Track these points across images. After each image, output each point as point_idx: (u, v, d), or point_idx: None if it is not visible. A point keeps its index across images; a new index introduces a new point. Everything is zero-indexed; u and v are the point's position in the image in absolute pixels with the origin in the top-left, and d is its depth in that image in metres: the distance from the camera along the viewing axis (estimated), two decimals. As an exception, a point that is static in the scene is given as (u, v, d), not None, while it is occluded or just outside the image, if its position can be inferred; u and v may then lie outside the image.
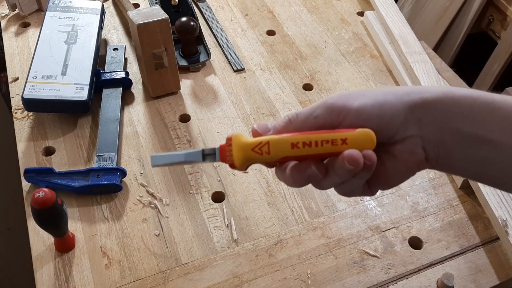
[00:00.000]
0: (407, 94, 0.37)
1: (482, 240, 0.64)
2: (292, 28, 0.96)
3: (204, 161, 0.39)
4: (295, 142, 0.37)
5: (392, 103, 0.37)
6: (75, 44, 0.80)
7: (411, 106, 0.37)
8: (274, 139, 0.37)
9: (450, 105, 0.37)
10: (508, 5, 1.33)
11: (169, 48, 0.76)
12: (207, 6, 1.00)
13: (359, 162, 0.35)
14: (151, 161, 0.39)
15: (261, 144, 0.37)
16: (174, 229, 0.64)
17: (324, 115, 0.37)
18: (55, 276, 0.58)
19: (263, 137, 0.37)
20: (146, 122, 0.77)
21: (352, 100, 0.37)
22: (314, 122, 0.38)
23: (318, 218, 0.66)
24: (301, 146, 0.37)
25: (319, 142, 0.36)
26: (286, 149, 0.37)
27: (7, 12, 0.94)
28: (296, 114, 0.39)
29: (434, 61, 0.87)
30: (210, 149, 0.39)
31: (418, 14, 1.54)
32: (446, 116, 0.37)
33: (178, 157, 0.39)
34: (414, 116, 0.37)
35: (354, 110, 0.37)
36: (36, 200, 0.53)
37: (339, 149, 0.36)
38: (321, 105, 0.38)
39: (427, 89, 0.38)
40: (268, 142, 0.37)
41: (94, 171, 0.67)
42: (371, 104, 0.37)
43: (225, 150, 0.38)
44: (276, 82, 0.85)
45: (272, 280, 0.59)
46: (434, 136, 0.37)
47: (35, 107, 0.73)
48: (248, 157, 0.37)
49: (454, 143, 0.37)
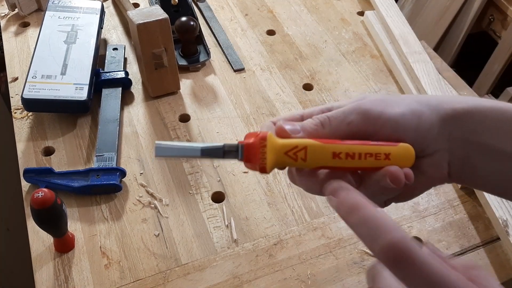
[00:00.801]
0: (439, 105, 0.36)
1: (483, 240, 0.64)
2: (292, 28, 0.96)
3: (223, 158, 0.34)
4: (337, 152, 0.33)
5: (428, 114, 0.35)
6: (75, 44, 0.79)
7: (444, 119, 0.35)
8: (313, 145, 0.33)
9: (479, 118, 0.35)
10: (509, 5, 1.33)
11: (169, 48, 0.76)
12: (207, 6, 1.00)
13: (401, 182, 0.33)
14: (155, 151, 0.33)
15: (297, 148, 0.33)
16: (174, 229, 0.63)
17: (359, 122, 0.34)
18: (54, 276, 0.58)
19: (298, 141, 0.33)
20: (146, 122, 0.77)
21: (389, 108, 0.35)
22: (347, 129, 0.34)
23: (318, 218, 0.66)
24: (344, 157, 0.33)
25: (363, 154, 0.33)
26: (326, 159, 0.33)
27: (7, 12, 0.94)
28: (328, 118, 0.35)
29: (435, 61, 0.87)
30: (232, 146, 0.34)
31: (418, 13, 1.54)
32: (475, 130, 0.35)
33: (192, 151, 0.34)
34: (445, 130, 0.35)
35: (392, 121, 0.34)
36: (35, 200, 0.53)
37: (380, 164, 0.33)
38: (355, 110, 0.35)
39: (456, 99, 0.36)
40: (306, 148, 0.33)
41: (94, 171, 0.67)
42: (409, 115, 0.35)
43: (255, 150, 0.33)
44: (276, 82, 0.85)
45: (272, 281, 0.59)
46: (461, 151, 0.36)
47: (35, 107, 0.73)
48: (280, 161, 0.33)
49: (481, 157, 0.35)
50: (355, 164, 0.33)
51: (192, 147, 0.34)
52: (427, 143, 0.35)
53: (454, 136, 0.35)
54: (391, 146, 0.34)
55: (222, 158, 0.34)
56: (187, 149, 0.34)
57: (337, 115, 0.35)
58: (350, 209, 0.30)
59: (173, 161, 0.71)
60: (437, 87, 0.80)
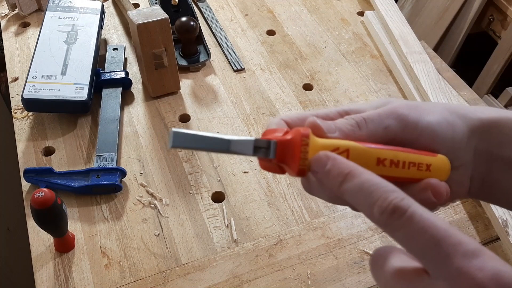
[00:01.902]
0: (466, 115, 0.33)
1: (483, 240, 0.64)
2: (292, 28, 0.96)
3: (253, 155, 0.29)
4: (382, 158, 0.29)
5: (460, 125, 0.33)
6: (75, 44, 0.79)
7: (472, 130, 0.33)
8: (357, 148, 0.29)
9: (505, 130, 0.33)
10: (508, 5, 1.33)
11: (169, 48, 0.76)
12: (207, 6, 1.00)
13: (443, 197, 0.30)
14: (171, 139, 0.27)
15: (338, 150, 0.29)
16: (174, 229, 0.63)
17: (397, 128, 0.31)
18: (54, 276, 0.58)
19: (340, 142, 0.29)
20: (146, 122, 0.77)
21: (424, 115, 0.32)
22: (384, 133, 0.31)
23: (318, 218, 0.66)
24: (388, 165, 0.29)
25: (407, 163, 0.30)
26: (369, 165, 0.29)
27: (7, 12, 0.94)
28: (364, 119, 0.32)
29: (434, 61, 0.87)
30: (264, 142, 0.29)
31: (418, 14, 1.54)
32: (501, 143, 0.33)
33: (218, 144, 0.28)
34: (472, 142, 0.33)
35: (429, 129, 0.32)
36: (35, 200, 0.53)
37: (421, 175, 0.30)
38: (392, 114, 0.32)
39: (479, 110, 0.34)
40: (348, 151, 0.29)
41: (94, 171, 0.67)
42: (445, 124, 0.32)
43: (294, 149, 0.29)
44: (276, 82, 0.85)
45: (272, 280, 0.59)
46: (484, 166, 0.33)
47: (35, 107, 0.73)
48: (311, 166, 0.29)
49: (503, 172, 0.33)
50: (397, 174, 0.30)
51: (218, 139, 0.28)
52: (456, 156, 0.33)
53: (479, 150, 0.33)
54: (431, 156, 0.31)
55: (252, 155, 0.29)
56: (212, 141, 0.28)
57: (372, 116, 0.32)
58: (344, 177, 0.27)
59: (173, 161, 0.71)
60: (436, 87, 0.80)
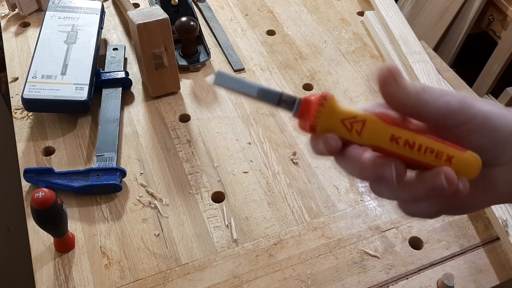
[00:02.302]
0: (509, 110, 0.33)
1: (483, 240, 0.64)
2: (292, 28, 0.96)
3: (277, 106, 0.32)
4: (397, 136, 0.31)
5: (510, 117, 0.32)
6: (75, 44, 0.79)
7: None
8: (373, 120, 0.31)
9: None
10: (508, 5, 1.33)
11: (169, 48, 0.76)
12: (207, 6, 1.00)
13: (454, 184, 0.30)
14: (215, 78, 0.32)
15: (355, 119, 0.31)
16: (174, 229, 0.63)
17: (456, 104, 0.31)
18: (54, 276, 0.58)
19: (359, 112, 0.31)
20: (146, 122, 0.77)
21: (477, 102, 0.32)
22: (444, 105, 0.31)
23: (318, 218, 0.66)
24: (401, 144, 0.31)
25: (423, 148, 0.31)
26: (382, 139, 0.31)
27: (7, 12, 0.94)
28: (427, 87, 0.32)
29: (434, 61, 0.87)
30: (290, 97, 0.32)
31: (418, 14, 1.54)
32: None
33: (249, 89, 0.32)
34: None
35: (482, 113, 0.31)
36: (35, 200, 0.53)
37: (438, 164, 0.31)
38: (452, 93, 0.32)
39: None
40: (365, 121, 0.31)
41: (94, 171, 0.67)
42: (498, 113, 0.32)
43: (311, 107, 0.31)
44: (276, 82, 0.85)
45: (272, 281, 0.59)
46: None
47: (35, 107, 0.73)
48: (333, 127, 0.31)
49: None
50: (411, 155, 0.31)
51: (250, 85, 0.32)
52: (503, 151, 0.32)
53: None
54: (457, 150, 0.31)
55: (276, 105, 0.32)
56: (245, 85, 0.32)
57: (435, 88, 0.32)
58: None
59: (173, 161, 0.71)
60: (437, 87, 0.80)
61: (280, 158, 0.72)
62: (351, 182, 0.70)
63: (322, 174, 0.71)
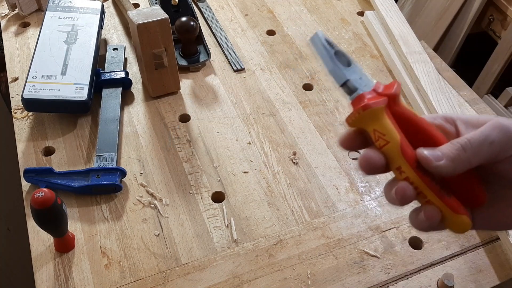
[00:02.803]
0: None
1: (483, 240, 0.64)
2: (292, 28, 0.96)
3: (340, 87, 0.37)
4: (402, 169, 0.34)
5: None
6: (75, 44, 0.79)
7: None
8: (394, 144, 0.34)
9: None
10: (508, 5, 1.33)
11: (169, 48, 0.76)
12: (207, 6, 1.00)
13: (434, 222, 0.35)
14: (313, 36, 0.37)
15: (383, 136, 0.34)
16: (174, 229, 0.63)
17: (501, 140, 0.34)
18: (54, 276, 0.58)
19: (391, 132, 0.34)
20: (146, 122, 0.77)
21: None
22: (490, 149, 0.34)
23: (318, 218, 0.66)
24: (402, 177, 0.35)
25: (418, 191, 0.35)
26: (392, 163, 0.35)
27: (7, 12, 0.94)
28: (469, 140, 0.34)
29: (434, 61, 0.87)
30: (353, 87, 0.36)
31: (418, 14, 1.55)
32: None
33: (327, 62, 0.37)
34: None
35: None
36: (35, 200, 0.53)
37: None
38: (495, 127, 0.34)
39: None
40: (388, 143, 0.34)
41: (94, 171, 0.67)
42: None
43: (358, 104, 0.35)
44: (276, 82, 0.85)
45: (272, 280, 0.59)
46: None
47: (35, 107, 0.73)
48: (364, 128, 0.35)
49: None
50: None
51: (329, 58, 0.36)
52: None
53: None
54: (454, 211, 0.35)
55: (339, 86, 0.36)
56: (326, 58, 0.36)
57: (477, 136, 0.34)
58: None
59: (173, 161, 0.71)
60: (436, 87, 0.80)
61: (280, 158, 0.73)
62: (351, 182, 0.70)
63: (322, 174, 0.71)
